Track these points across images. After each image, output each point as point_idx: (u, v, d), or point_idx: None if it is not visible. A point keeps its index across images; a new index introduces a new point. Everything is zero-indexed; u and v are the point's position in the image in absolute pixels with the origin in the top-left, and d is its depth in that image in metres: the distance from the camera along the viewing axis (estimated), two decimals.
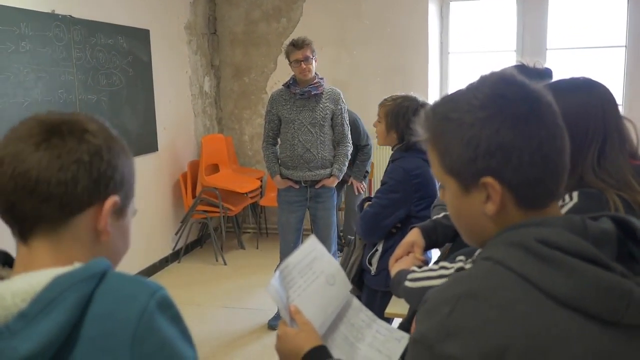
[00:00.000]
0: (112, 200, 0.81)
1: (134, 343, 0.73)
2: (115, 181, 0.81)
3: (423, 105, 2.52)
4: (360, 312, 1.27)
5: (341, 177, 3.73)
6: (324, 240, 3.77)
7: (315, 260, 1.20)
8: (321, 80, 3.59)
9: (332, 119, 3.65)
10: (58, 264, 0.77)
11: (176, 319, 0.79)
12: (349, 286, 1.28)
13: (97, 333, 0.73)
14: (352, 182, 4.70)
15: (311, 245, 1.22)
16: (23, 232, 0.79)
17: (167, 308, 0.77)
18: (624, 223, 0.79)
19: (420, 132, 0.85)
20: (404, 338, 1.23)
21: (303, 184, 3.66)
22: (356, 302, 1.28)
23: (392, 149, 2.63)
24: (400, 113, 2.50)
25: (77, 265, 0.76)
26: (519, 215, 0.80)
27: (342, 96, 3.68)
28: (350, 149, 3.74)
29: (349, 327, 1.23)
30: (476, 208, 0.81)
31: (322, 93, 3.58)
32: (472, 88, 0.81)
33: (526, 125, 0.76)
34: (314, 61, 3.53)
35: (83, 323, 0.73)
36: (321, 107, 3.58)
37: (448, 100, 0.83)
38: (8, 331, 0.70)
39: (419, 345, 0.75)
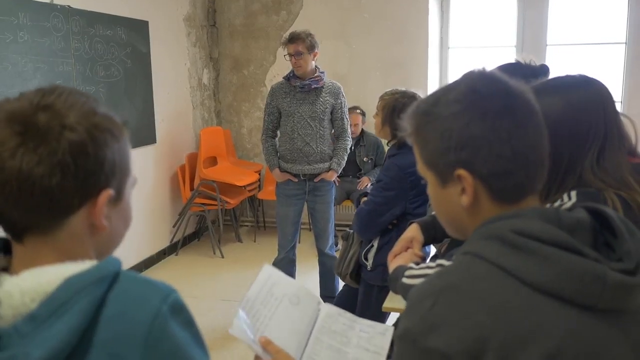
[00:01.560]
0: (105, 194, 0.76)
1: (146, 347, 0.71)
2: (105, 174, 0.75)
3: None
4: (339, 317, 1.28)
5: (340, 171, 3.74)
6: (321, 233, 3.77)
7: (274, 286, 1.21)
8: (322, 74, 3.58)
9: (331, 113, 3.64)
10: (62, 259, 0.74)
11: (189, 323, 0.77)
12: (317, 299, 1.29)
13: (109, 336, 0.70)
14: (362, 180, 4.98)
15: (266, 273, 1.22)
16: (16, 235, 0.75)
17: (180, 312, 0.76)
18: (598, 213, 0.81)
19: (406, 127, 0.89)
20: (388, 330, 1.25)
21: (302, 178, 3.66)
22: (332, 308, 1.29)
23: (387, 144, 2.64)
24: (395, 108, 2.51)
25: (87, 264, 0.73)
26: (493, 209, 0.82)
27: (342, 90, 3.67)
28: (349, 143, 3.74)
29: (332, 335, 1.24)
30: (453, 200, 0.84)
31: (322, 87, 3.57)
32: (452, 85, 0.85)
33: (495, 119, 0.79)
34: (311, 55, 3.51)
35: (95, 326, 0.70)
36: (321, 101, 3.57)
37: (430, 97, 0.87)
38: (17, 334, 0.67)
39: (403, 341, 0.77)
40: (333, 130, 3.72)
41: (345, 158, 3.73)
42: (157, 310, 0.72)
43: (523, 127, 0.80)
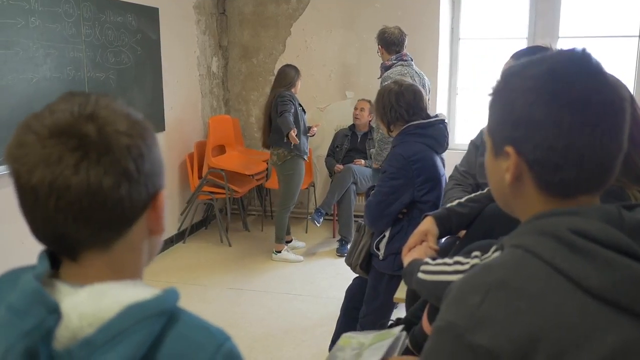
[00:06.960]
0: (162, 195, 0.75)
1: None
2: (158, 173, 0.75)
3: (409, 88, 2.52)
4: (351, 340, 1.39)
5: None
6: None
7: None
8: None
9: None
10: (117, 274, 0.73)
11: None
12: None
13: None
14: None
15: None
16: (69, 252, 0.72)
17: None
18: None
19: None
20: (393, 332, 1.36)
21: None
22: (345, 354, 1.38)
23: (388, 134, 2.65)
24: (384, 100, 2.52)
25: (146, 290, 0.72)
26: (537, 197, 0.79)
27: None
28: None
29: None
30: (500, 174, 0.82)
31: None
32: (542, 58, 0.80)
33: (562, 109, 0.74)
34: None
35: None
36: None
37: (522, 63, 0.81)
38: (69, 357, 0.65)
39: (445, 334, 0.74)
40: None
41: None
42: (211, 358, 0.71)
43: (590, 126, 0.74)
